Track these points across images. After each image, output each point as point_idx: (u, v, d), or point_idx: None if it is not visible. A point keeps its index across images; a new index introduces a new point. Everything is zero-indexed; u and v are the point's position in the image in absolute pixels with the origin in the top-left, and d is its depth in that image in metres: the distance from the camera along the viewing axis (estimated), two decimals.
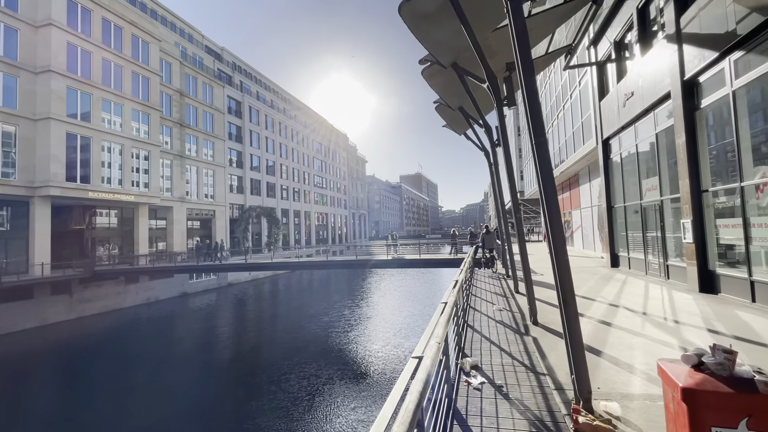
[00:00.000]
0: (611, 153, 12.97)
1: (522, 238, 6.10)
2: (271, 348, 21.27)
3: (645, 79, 9.64)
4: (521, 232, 6.03)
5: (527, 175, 41.29)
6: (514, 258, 9.45)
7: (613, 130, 12.16)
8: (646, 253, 10.57)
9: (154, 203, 33.38)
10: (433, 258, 22.25)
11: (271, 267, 28.55)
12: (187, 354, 20.18)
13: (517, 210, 5.88)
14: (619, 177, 12.40)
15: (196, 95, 40.80)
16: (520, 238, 6.14)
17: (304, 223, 62.18)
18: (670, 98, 8.53)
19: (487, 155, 11.84)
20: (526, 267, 6.03)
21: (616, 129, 11.96)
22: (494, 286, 10.06)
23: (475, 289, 9.48)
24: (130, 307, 30.61)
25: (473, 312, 6.86)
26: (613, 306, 7.02)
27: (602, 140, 13.24)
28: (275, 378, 16.63)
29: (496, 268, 13.44)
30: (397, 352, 19.17)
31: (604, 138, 13.14)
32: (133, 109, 31.20)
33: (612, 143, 12.86)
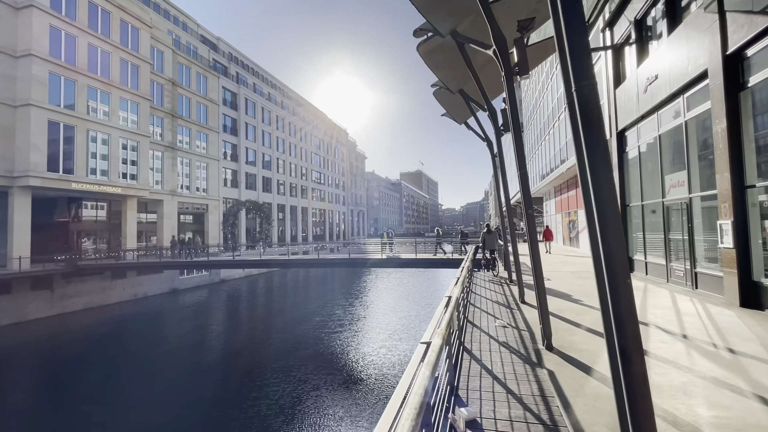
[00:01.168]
0: (627, 146, 11.73)
1: (534, 237, 4.88)
2: (259, 349, 20.12)
3: (673, 59, 8.40)
4: (533, 231, 4.82)
5: (530, 171, 40.00)
6: (519, 260, 8.24)
7: (631, 120, 10.92)
8: (669, 257, 9.36)
9: (142, 196, 32.17)
10: (430, 258, 21.04)
11: (259, 264, 27.43)
12: (167, 355, 19.02)
13: (528, 205, 4.67)
14: (636, 172, 11.17)
15: (190, 85, 39.50)
16: (532, 237, 4.92)
17: (301, 220, 60.98)
18: (706, 78, 7.30)
19: (490, 145, 10.64)
20: (538, 274, 4.81)
21: (634, 119, 10.72)
22: (496, 293, 8.85)
23: (474, 297, 8.28)
24: (115, 303, 29.47)
25: (471, 329, 5.66)
26: (641, 324, 5.81)
27: (617, 132, 12.01)
28: (260, 383, 15.49)
29: (497, 271, 12.24)
30: (391, 356, 18.02)
31: (618, 130, 11.90)
32: (121, 97, 29.93)
33: (628, 135, 11.62)
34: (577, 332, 5.40)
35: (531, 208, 4.71)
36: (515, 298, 8.03)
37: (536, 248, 4.81)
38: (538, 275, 4.84)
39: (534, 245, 4.83)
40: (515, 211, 47.68)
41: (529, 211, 4.64)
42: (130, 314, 27.22)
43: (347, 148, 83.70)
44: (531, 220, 4.75)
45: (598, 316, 6.57)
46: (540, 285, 4.80)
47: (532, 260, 4.95)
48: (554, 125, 22.78)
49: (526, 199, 4.71)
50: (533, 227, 4.72)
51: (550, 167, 24.89)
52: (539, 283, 4.82)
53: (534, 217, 4.40)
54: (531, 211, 4.60)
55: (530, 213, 4.67)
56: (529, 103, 38.15)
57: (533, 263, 4.93)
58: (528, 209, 4.69)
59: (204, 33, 46.81)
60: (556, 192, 26.84)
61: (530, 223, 4.75)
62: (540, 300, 4.72)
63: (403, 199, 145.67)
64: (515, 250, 8.25)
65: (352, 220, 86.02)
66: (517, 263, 7.93)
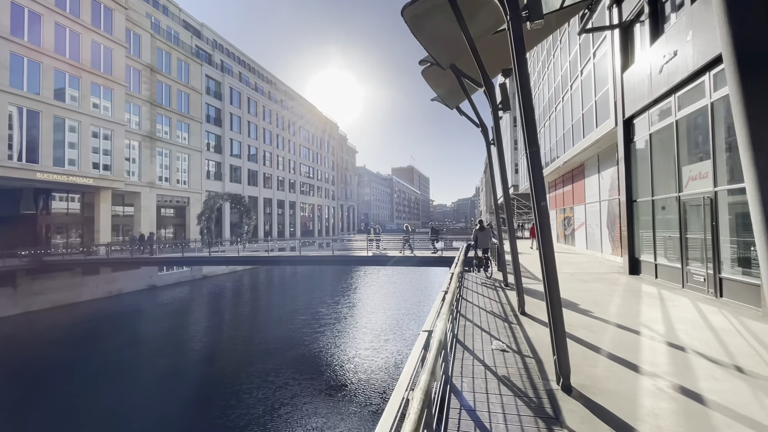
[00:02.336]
0: (635, 135, 10.60)
1: (548, 236, 3.67)
2: (236, 352, 18.80)
3: (697, 32, 7.24)
4: (546, 226, 3.60)
5: (522, 168, 39.04)
6: (518, 262, 7.04)
7: (641, 105, 9.78)
8: (685, 260, 8.26)
9: (117, 188, 30.41)
10: (420, 256, 19.85)
11: (236, 262, 26.02)
12: (135, 358, 17.57)
13: (541, 197, 3.47)
14: (646, 164, 10.05)
15: (170, 72, 37.63)
16: (545, 235, 3.71)
17: (289, 214, 59.39)
18: None
19: (485, 131, 9.40)
20: (552, 285, 3.62)
21: (645, 104, 9.57)
22: (490, 301, 7.66)
23: (465, 306, 7.08)
24: (87, 300, 27.81)
25: (462, 354, 4.45)
26: (677, 349, 4.65)
27: (623, 120, 10.88)
28: (236, 388, 14.24)
29: (490, 272, 11.08)
30: (377, 359, 16.84)
31: (626, 117, 10.77)
32: (93, 82, 28.09)
33: (637, 123, 10.49)
34: (599, 360, 4.23)
35: (544, 199, 3.50)
36: (513, 308, 6.85)
37: (550, 250, 3.60)
38: (552, 286, 3.64)
39: (547, 245, 3.61)
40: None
41: (542, 203, 3.42)
42: (102, 313, 25.62)
43: (337, 142, 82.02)
44: (544, 212, 3.53)
45: (619, 334, 5.44)
46: (554, 300, 3.60)
47: (545, 266, 3.73)
48: (550, 116, 21.67)
49: (538, 186, 3.48)
50: (546, 219, 3.51)
51: (545, 162, 23.84)
52: (553, 296, 3.62)
53: (547, 208, 3.18)
54: (545, 203, 3.39)
55: (543, 205, 3.46)
56: None
57: (546, 269, 3.72)
58: (540, 201, 3.47)
59: (186, 18, 44.74)
60: (550, 187, 25.82)
61: (542, 216, 3.53)
62: (555, 323, 3.53)
63: (395, 195, 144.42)
64: (514, 250, 7.04)
65: (342, 215, 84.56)
66: (516, 266, 6.73)
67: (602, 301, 7.24)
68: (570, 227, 21.08)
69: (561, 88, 18.82)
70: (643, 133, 10.12)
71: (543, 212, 3.55)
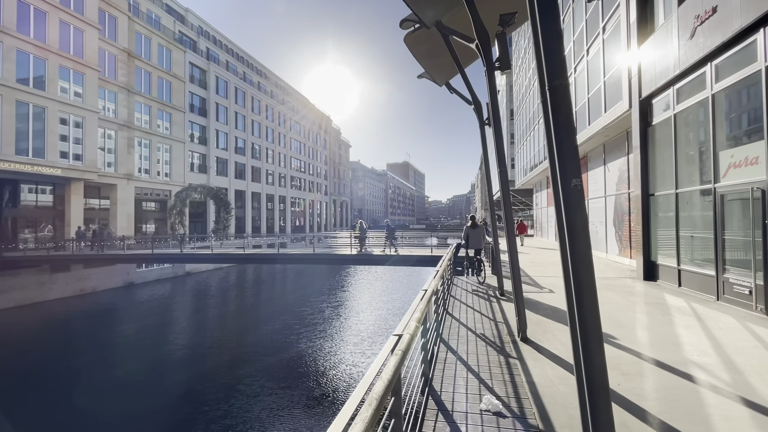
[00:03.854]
0: (654, 117, 9.06)
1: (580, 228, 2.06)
2: (213, 357, 17.21)
3: None
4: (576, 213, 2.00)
5: (519, 162, 37.50)
6: (518, 268, 5.41)
7: (664, 81, 8.23)
8: (721, 266, 6.75)
9: (90, 179, 28.53)
10: (409, 255, 18.32)
11: (209, 259, 24.35)
12: (94, 364, 15.91)
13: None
14: (668, 151, 8.52)
15: (150, 58, 35.60)
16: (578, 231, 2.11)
17: (278, 209, 57.61)
18: None
19: (479, 109, 7.82)
20: (589, 322, 2.04)
21: (669, 78, 8.02)
22: (482, 318, 6.10)
23: (450, 326, 5.52)
24: (56, 299, 26.00)
25: (435, 417, 2.87)
26: (759, 409, 3.10)
27: (639, 101, 9.33)
28: (207, 400, 12.68)
29: (483, 277, 9.52)
30: (360, 365, 15.30)
31: (643, 97, 9.22)
32: (61, 65, 26.14)
33: (657, 103, 8.94)
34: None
35: (578, 175, 1.91)
36: (511, 329, 5.29)
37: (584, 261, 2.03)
38: (588, 326, 2.08)
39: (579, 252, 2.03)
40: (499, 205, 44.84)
41: (574, 182, 1.84)
42: (70, 313, 23.87)
43: (331, 136, 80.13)
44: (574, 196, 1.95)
45: (664, 379, 3.17)
46: (594, 354, 2.02)
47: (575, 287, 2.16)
48: None
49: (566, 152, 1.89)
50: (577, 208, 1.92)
51: (543, 155, 22.33)
52: (591, 348, 2.05)
53: (581, 190, 1.53)
54: (578, 182, 1.81)
55: (575, 186, 1.88)
56: (520, 87, 35.49)
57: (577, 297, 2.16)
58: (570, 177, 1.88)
59: (169, 2, 42.58)
60: (548, 183, 24.33)
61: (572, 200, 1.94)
62: (594, 403, 1.95)
63: (389, 190, 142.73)
64: (513, 254, 5.44)
65: (335, 211, 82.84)
66: (516, 275, 5.15)
67: (624, 320, 5.70)
68: None
69: None
70: (664, 114, 8.58)
71: (573, 196, 1.98)
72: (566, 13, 16.17)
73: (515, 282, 4.93)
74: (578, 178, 1.95)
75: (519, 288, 4.90)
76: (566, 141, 1.93)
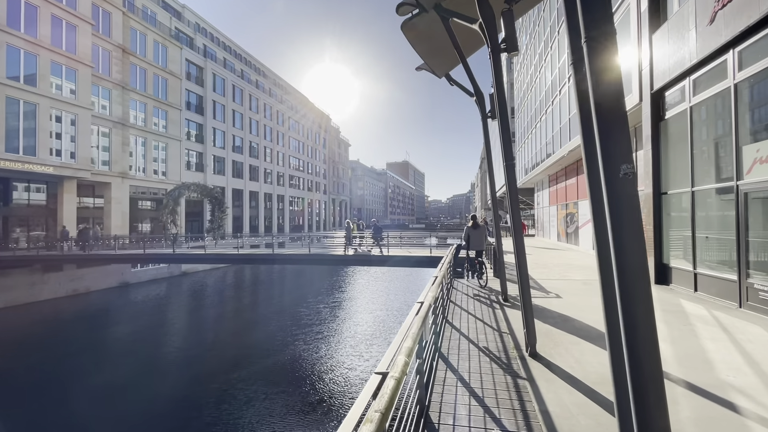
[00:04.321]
0: (666, 110, 8.52)
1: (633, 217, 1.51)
2: (205, 360, 16.72)
3: None
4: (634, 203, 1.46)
5: (520, 161, 36.91)
6: (526, 272, 4.82)
7: (679, 71, 7.69)
8: (744, 271, 6.22)
9: (83, 177, 27.97)
10: (408, 256, 17.80)
11: (203, 259, 23.80)
12: (78, 369, 15.39)
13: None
14: (683, 146, 8.00)
15: (145, 55, 35.04)
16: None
17: (277, 208, 57.06)
18: None
19: (481, 101, 7.29)
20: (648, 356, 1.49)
21: (685, 68, 7.49)
22: (485, 328, 5.57)
23: (450, 336, 4.99)
24: (48, 300, 25.49)
25: None
26: None
27: (651, 93, 8.79)
28: (197, 405, 12.19)
29: (485, 280, 8.99)
30: (359, 369, 14.78)
31: (655, 89, 8.69)
32: (53, 61, 25.58)
33: (670, 96, 8.41)
34: None
35: (630, 161, 1.36)
36: (518, 342, 4.75)
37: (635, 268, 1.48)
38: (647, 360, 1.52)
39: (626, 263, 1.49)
40: (501, 204, 44.24)
41: (624, 168, 1.29)
42: (60, 314, 23.36)
43: (330, 134, 79.55)
44: (621, 185, 1.41)
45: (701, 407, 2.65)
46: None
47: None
48: (553, 101, 19.59)
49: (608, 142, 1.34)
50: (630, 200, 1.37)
51: (546, 153, 21.80)
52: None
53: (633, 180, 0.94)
54: (629, 169, 1.26)
55: (627, 174, 1.33)
56: (521, 84, 34.93)
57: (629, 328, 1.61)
58: (619, 164, 1.34)
59: None
60: (551, 181, 23.82)
61: (622, 193, 1.39)
62: None
63: (389, 190, 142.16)
64: (521, 257, 4.86)
65: (335, 210, 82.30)
66: (524, 278, 4.59)
67: None
68: (573, 224, 19.09)
69: (566, 67, 16.69)
70: (679, 107, 8.04)
71: (623, 187, 1.45)
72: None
73: (523, 288, 4.40)
74: (630, 164, 1.43)
75: (527, 295, 4.37)
76: (613, 112, 1.40)
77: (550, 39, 19.64)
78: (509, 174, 4.23)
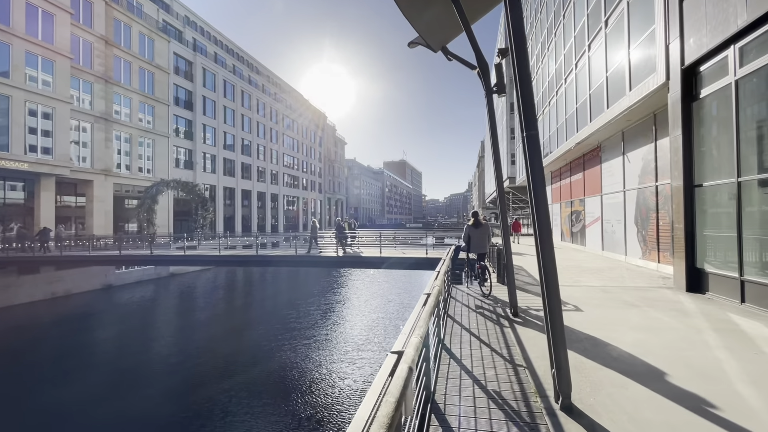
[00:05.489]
0: (703, 88, 7.26)
1: None
2: (185, 369, 15.40)
3: None
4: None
5: (520, 157, 35.71)
6: (556, 283, 3.43)
7: (721, 39, 6.43)
8: None
9: (62, 174, 26.60)
10: (403, 257, 16.55)
11: (181, 261, 22.47)
12: (53, 377, 14.01)
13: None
14: (724, 129, 6.74)
15: (130, 47, 33.59)
16: None
17: (270, 207, 55.65)
18: None
19: (485, 71, 6.01)
20: None
21: (728, 35, 6.23)
22: (496, 360, 4.27)
23: (450, 371, 3.71)
24: (23, 304, 24.07)
25: None
26: None
27: (682, 69, 7.53)
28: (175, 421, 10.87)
29: (489, 287, 7.71)
30: (350, 379, 13.48)
31: (687, 64, 7.43)
32: (28, 51, 24.17)
33: (707, 71, 7.14)
34: None
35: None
36: (540, 382, 3.47)
37: None
38: None
39: None
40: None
41: None
42: (35, 319, 21.96)
43: (325, 132, 78.13)
44: None
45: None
46: None
47: None
48: (558, 91, 18.36)
49: None
50: None
51: (549, 148, 20.58)
52: None
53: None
54: None
55: None
56: None
57: None
58: None
59: None
60: (553, 177, 22.59)
61: None
62: None
63: (386, 189, 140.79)
64: (547, 260, 3.46)
65: (330, 209, 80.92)
66: (553, 296, 3.23)
67: (704, 364, 3.87)
68: (579, 223, 17.85)
69: (574, 53, 15.43)
70: (719, 82, 6.78)
71: None
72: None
73: (551, 312, 3.10)
74: None
75: (557, 322, 3.06)
76: None
77: (554, 25, 18.39)
78: (530, 146, 2.93)
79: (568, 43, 16.20)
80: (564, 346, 2.95)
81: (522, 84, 3.05)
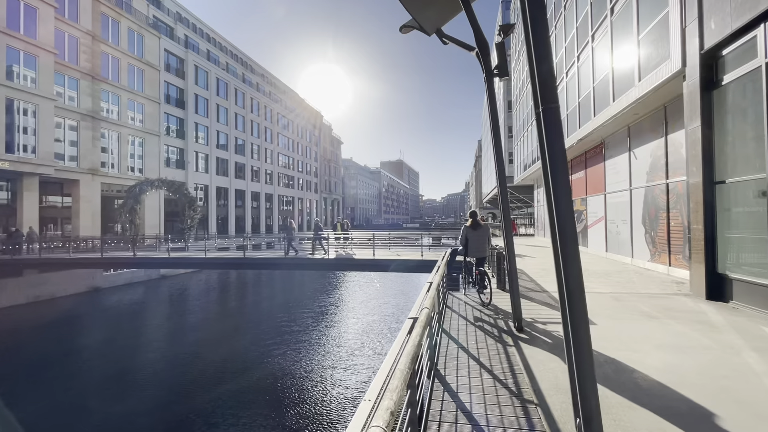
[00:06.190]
0: (726, 73, 6.55)
1: None
2: (170, 376, 14.62)
3: None
4: None
5: (518, 157, 35.07)
6: (583, 302, 2.65)
7: (748, 17, 5.72)
8: None
9: (46, 174, 25.68)
10: (397, 259, 15.82)
11: (167, 264, 21.65)
12: (31, 386, 13.18)
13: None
14: (750, 119, 6.04)
15: (119, 43, 32.68)
16: None
17: (265, 207, 54.78)
18: None
19: (484, 51, 5.27)
20: None
21: (757, 13, 5.53)
22: (501, 393, 3.53)
23: (445, 406, 2.95)
24: (4, 308, 23.16)
25: None
26: None
27: (701, 54, 6.83)
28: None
29: (489, 296, 6.97)
30: (344, 385, 12.72)
31: (706, 48, 6.72)
32: (8, 45, 23.28)
33: (730, 56, 6.44)
34: None
35: None
36: (555, 425, 2.73)
37: None
38: None
39: None
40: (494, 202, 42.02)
41: None
42: (16, 323, 21.08)
43: (322, 132, 77.31)
44: None
45: None
46: None
47: None
48: (558, 87, 17.64)
49: None
50: None
51: None
52: None
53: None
54: None
55: None
56: (519, 75, 33.05)
57: None
58: None
59: None
60: None
61: None
62: None
63: (383, 189, 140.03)
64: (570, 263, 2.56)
65: (327, 209, 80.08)
66: (580, 320, 2.44)
67: (755, 401, 3.17)
68: (581, 224, 17.16)
69: (576, 45, 14.73)
70: (744, 67, 6.07)
71: None
72: None
73: (577, 345, 2.34)
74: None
75: (587, 360, 2.31)
76: None
77: (554, 17, 17.70)
78: (548, 119, 2.17)
79: (570, 34, 15.50)
80: (595, 390, 2.21)
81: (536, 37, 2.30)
